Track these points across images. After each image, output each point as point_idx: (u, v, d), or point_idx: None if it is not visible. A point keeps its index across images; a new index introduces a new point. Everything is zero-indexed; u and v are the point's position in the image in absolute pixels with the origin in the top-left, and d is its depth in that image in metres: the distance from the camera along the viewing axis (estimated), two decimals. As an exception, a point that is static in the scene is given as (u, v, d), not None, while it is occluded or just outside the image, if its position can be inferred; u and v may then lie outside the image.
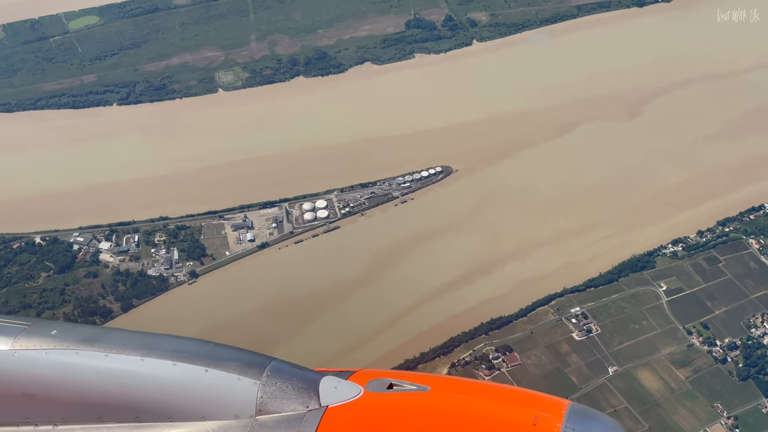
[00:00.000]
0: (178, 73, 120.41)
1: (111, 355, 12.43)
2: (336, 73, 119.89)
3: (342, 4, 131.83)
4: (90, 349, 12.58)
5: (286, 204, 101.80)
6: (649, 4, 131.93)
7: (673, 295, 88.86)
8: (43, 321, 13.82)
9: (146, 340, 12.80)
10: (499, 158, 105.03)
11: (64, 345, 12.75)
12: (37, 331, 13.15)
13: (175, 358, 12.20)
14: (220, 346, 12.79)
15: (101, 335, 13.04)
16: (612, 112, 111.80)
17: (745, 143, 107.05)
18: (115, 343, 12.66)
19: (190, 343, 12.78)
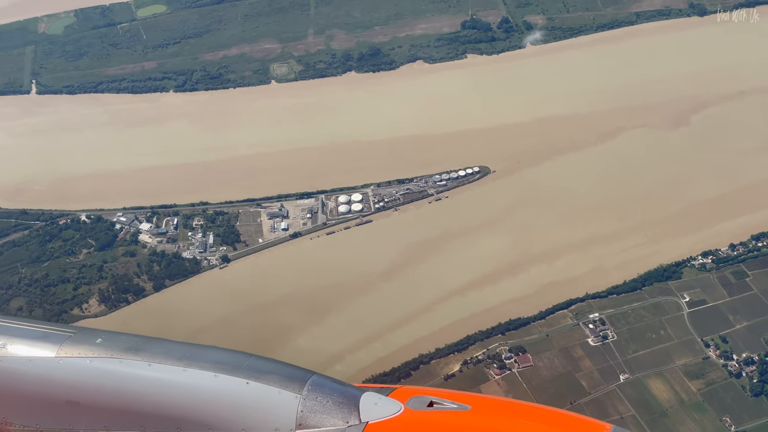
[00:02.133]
0: (235, 64, 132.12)
1: (154, 364, 13.55)
2: (387, 70, 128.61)
3: (402, 2, 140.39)
4: (134, 358, 13.72)
5: (323, 196, 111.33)
6: (710, 13, 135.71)
7: (695, 307, 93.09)
8: (88, 329, 15.22)
9: (189, 351, 13.95)
10: (538, 161, 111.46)
11: (109, 353, 13.89)
12: (82, 339, 14.37)
13: (217, 369, 13.27)
14: (261, 359, 13.85)
15: (145, 345, 14.14)
16: (658, 120, 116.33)
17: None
18: (158, 352, 13.81)
19: (232, 355, 13.87)
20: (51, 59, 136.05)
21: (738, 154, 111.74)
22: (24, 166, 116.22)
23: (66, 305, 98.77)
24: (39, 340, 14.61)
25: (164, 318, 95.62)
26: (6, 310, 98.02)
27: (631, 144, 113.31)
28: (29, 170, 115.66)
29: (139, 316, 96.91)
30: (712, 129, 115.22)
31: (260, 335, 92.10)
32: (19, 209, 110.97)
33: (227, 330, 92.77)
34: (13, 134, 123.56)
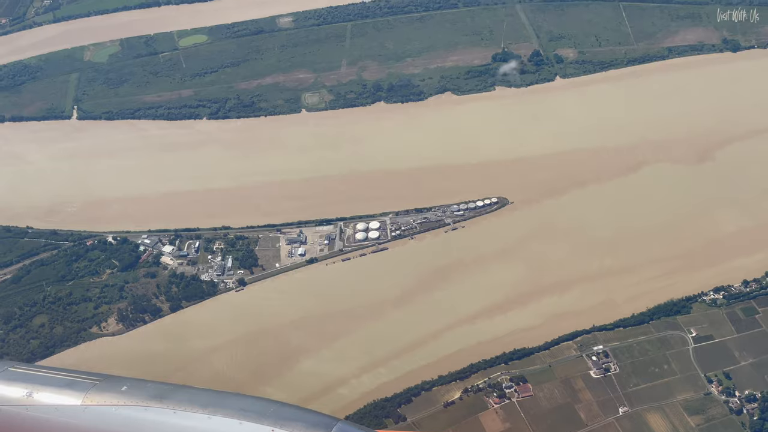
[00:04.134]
0: (268, 92, 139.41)
1: (179, 412, 14.12)
2: (416, 101, 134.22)
3: (436, 35, 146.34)
4: (159, 406, 14.30)
5: (342, 223, 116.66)
6: (743, 49, 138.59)
7: (701, 342, 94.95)
8: (113, 377, 15.77)
9: (213, 399, 14.49)
10: (558, 193, 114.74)
11: (134, 401, 14.47)
12: (107, 387, 14.97)
13: (242, 417, 13.82)
14: (286, 406, 14.35)
15: (170, 392, 14.72)
16: (682, 155, 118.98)
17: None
18: (183, 400, 14.38)
19: (256, 402, 14.39)
20: (93, 86, 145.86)
21: (760, 191, 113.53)
22: (58, 189, 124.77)
23: (85, 323, 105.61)
24: (65, 388, 15.14)
25: (177, 339, 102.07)
26: (28, 327, 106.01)
27: (653, 178, 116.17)
28: (63, 192, 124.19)
29: (154, 336, 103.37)
30: (735, 165, 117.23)
31: (269, 357, 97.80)
32: (50, 230, 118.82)
33: (238, 351, 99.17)
34: (51, 158, 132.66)
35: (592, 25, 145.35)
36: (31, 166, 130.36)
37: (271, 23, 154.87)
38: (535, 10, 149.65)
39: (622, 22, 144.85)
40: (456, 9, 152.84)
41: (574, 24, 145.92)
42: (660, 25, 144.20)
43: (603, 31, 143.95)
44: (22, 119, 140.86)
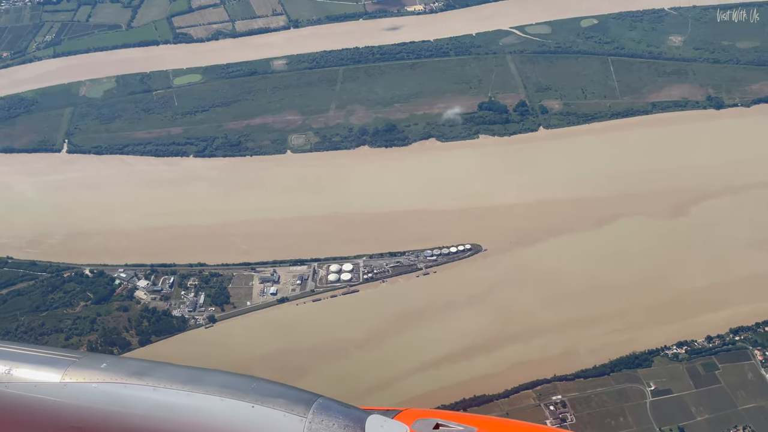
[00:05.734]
0: (256, 132, 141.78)
1: (159, 389, 13.97)
2: (399, 146, 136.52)
3: (425, 82, 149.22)
4: (139, 382, 14.11)
5: (315, 264, 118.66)
6: (727, 107, 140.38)
7: (659, 396, 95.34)
8: (93, 354, 16.79)
9: (194, 375, 14.28)
10: (532, 242, 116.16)
11: (114, 378, 14.24)
12: (87, 364, 14.76)
13: (223, 393, 13.73)
14: (267, 383, 14.29)
15: (150, 369, 14.50)
16: (657, 209, 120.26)
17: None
18: (163, 377, 14.22)
19: (237, 378, 14.32)
20: (86, 121, 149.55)
21: (732, 247, 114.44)
22: (42, 220, 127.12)
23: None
24: (44, 365, 15.06)
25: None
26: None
27: (627, 230, 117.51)
28: (46, 224, 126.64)
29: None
30: (710, 221, 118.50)
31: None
32: (30, 260, 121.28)
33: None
34: (37, 189, 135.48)
35: (580, 78, 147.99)
36: (18, 196, 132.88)
37: (265, 65, 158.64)
38: (524, 61, 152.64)
39: (610, 76, 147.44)
40: (447, 57, 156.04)
41: (561, 76, 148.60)
42: (646, 80, 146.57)
43: (590, 84, 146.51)
44: (13, 151, 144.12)
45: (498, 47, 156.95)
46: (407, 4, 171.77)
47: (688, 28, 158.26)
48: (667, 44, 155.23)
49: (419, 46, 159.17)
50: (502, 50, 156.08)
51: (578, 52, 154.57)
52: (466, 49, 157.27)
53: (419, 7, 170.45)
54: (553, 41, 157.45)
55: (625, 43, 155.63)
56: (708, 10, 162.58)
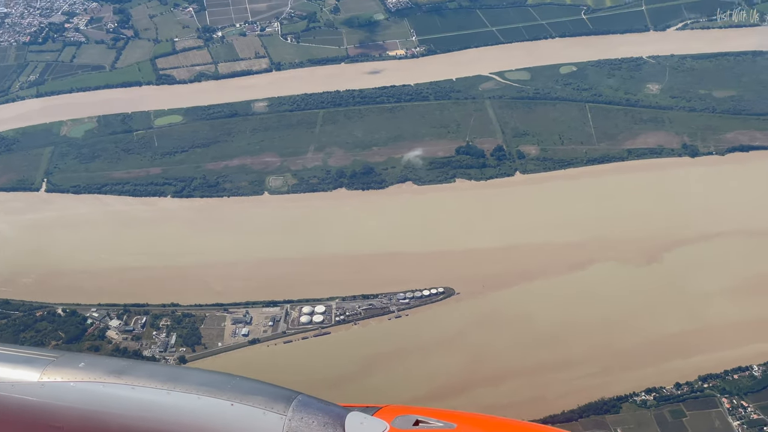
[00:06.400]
0: (234, 174, 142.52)
1: (138, 387, 14.02)
2: (376, 189, 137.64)
3: (404, 125, 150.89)
4: (117, 381, 14.14)
5: (288, 305, 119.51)
6: (702, 155, 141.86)
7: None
8: (71, 353, 15.68)
9: (173, 374, 14.41)
10: (505, 286, 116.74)
11: (92, 377, 14.28)
12: (65, 363, 14.82)
13: (201, 391, 13.76)
14: (246, 380, 14.49)
15: (129, 368, 14.53)
16: (631, 255, 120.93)
17: (755, 303, 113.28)
18: (142, 375, 14.30)
19: (216, 376, 14.38)
20: (65, 160, 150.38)
21: (704, 295, 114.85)
22: (17, 259, 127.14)
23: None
24: (21, 364, 15.00)
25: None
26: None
27: (600, 276, 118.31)
28: (22, 263, 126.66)
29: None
30: (682, 268, 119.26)
31: None
32: (3, 299, 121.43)
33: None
34: (14, 228, 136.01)
35: (557, 124, 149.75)
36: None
37: (246, 107, 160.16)
38: (503, 106, 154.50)
39: (587, 123, 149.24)
40: (427, 102, 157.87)
41: (539, 122, 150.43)
42: (623, 127, 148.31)
43: (567, 130, 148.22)
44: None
45: (477, 92, 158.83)
46: (389, 49, 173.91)
47: (665, 77, 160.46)
48: (644, 92, 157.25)
49: (399, 90, 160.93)
50: (482, 95, 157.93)
51: (556, 99, 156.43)
52: (445, 94, 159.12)
53: (401, 52, 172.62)
54: (532, 87, 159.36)
55: (603, 91, 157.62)
56: (686, 59, 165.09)
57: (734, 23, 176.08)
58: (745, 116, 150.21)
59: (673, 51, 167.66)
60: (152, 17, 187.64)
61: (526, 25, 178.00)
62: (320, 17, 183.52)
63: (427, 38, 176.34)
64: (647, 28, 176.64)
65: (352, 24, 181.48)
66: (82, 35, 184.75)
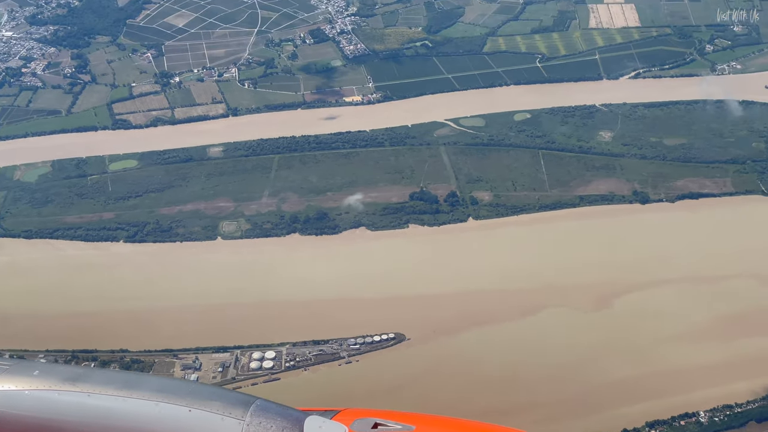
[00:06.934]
0: (188, 219, 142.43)
1: (93, 395, 13.81)
2: (330, 234, 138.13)
3: (359, 171, 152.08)
4: (72, 389, 13.97)
5: (238, 351, 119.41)
6: (652, 202, 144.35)
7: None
8: (24, 361, 15.56)
9: (130, 380, 14.27)
10: (456, 332, 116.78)
11: (47, 385, 14.12)
12: (18, 371, 14.66)
13: (159, 398, 13.66)
14: (204, 386, 14.40)
15: (84, 375, 14.33)
16: (581, 301, 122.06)
17: (703, 349, 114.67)
18: (98, 383, 14.11)
19: (173, 382, 14.65)
20: (18, 205, 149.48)
21: (652, 340, 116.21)
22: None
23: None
24: None
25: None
26: None
27: (550, 322, 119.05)
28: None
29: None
30: (631, 314, 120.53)
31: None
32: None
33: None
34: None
35: (510, 170, 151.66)
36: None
37: (202, 152, 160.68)
38: (458, 152, 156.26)
39: (540, 169, 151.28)
40: (382, 147, 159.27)
41: (493, 168, 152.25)
42: (575, 174, 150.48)
43: (520, 176, 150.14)
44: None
45: (432, 138, 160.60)
46: (345, 95, 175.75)
47: (617, 125, 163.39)
48: (596, 139, 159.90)
49: (355, 136, 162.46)
50: (436, 142, 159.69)
51: (510, 145, 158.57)
52: (401, 140, 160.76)
53: (357, 98, 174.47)
54: (486, 134, 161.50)
55: (557, 138, 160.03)
56: (638, 108, 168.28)
57: (685, 73, 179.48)
58: (695, 164, 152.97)
59: (626, 99, 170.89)
60: (110, 62, 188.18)
61: (481, 73, 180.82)
62: (278, 63, 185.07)
63: (383, 85, 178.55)
64: (600, 77, 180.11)
65: (310, 70, 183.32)
66: (39, 80, 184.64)
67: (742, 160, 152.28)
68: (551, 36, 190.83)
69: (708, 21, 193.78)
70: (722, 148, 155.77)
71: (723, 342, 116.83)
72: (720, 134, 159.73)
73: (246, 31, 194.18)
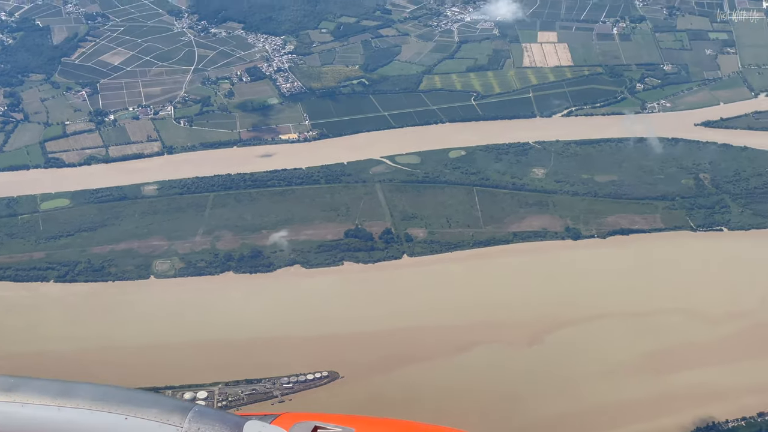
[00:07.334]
0: (120, 258, 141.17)
1: (27, 405, 13.47)
2: (264, 272, 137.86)
3: (294, 209, 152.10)
4: (5, 399, 13.60)
5: (170, 391, 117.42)
6: (584, 238, 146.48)
7: None
8: None
9: (64, 389, 13.76)
10: (389, 369, 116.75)
11: None
12: None
13: (94, 406, 13.29)
14: (140, 392, 14.03)
15: (17, 385, 13.91)
16: (514, 337, 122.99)
17: (631, 384, 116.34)
18: (31, 392, 13.71)
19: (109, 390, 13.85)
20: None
21: (583, 376, 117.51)
22: None
23: None
24: None
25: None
26: None
27: (483, 359, 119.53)
28: None
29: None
30: (563, 350, 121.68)
31: None
32: None
33: None
34: None
35: (445, 207, 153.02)
36: None
37: (136, 190, 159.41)
38: (393, 189, 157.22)
39: (474, 206, 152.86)
40: (318, 185, 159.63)
41: (428, 205, 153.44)
42: (509, 211, 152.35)
43: (454, 213, 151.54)
44: None
45: (368, 176, 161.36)
46: (282, 133, 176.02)
47: (550, 162, 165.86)
48: (530, 176, 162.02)
49: (291, 174, 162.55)
50: (372, 179, 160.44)
51: (445, 182, 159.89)
52: (336, 178, 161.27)
53: (293, 135, 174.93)
54: (421, 171, 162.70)
55: (491, 175, 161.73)
56: (570, 145, 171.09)
57: (617, 111, 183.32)
58: (625, 200, 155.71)
59: (558, 137, 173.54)
60: (44, 101, 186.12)
61: (417, 110, 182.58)
62: (214, 101, 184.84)
63: (320, 122, 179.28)
64: (534, 115, 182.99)
65: (246, 108, 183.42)
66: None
67: (672, 196, 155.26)
68: (486, 74, 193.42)
69: (639, 60, 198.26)
70: (652, 184, 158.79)
71: (651, 377, 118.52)
72: (650, 171, 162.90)
73: (183, 69, 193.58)
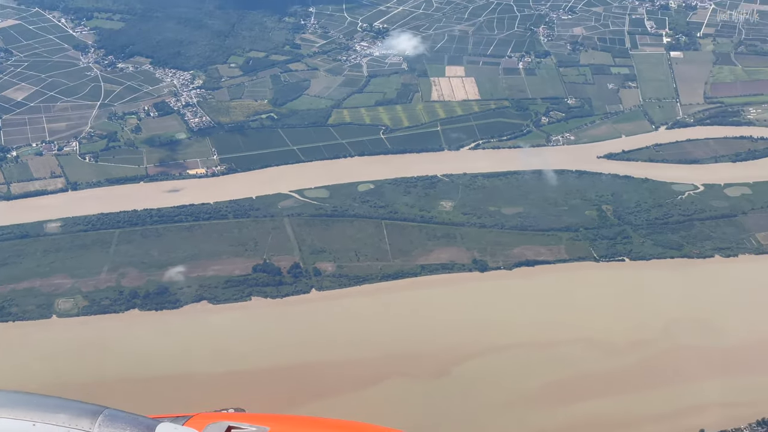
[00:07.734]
0: (21, 297, 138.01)
1: None
2: (171, 309, 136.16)
3: (201, 244, 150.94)
4: None
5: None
6: (491, 269, 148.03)
7: None
8: None
9: None
10: (294, 405, 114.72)
11: None
12: None
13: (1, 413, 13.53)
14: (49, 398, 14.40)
15: None
16: (421, 370, 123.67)
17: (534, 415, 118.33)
18: None
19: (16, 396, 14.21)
20: None
21: (490, 406, 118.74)
22: None
23: None
24: None
25: None
26: None
27: (389, 392, 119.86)
28: None
29: None
30: (469, 381, 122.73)
31: None
32: None
33: None
34: None
35: (354, 241, 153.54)
36: None
37: (38, 228, 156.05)
38: (301, 224, 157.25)
39: (383, 239, 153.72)
40: (226, 220, 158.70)
41: (336, 239, 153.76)
42: (417, 243, 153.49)
43: (363, 246, 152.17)
44: None
45: (276, 210, 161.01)
46: (189, 168, 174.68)
47: (458, 194, 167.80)
48: (438, 209, 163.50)
49: (198, 209, 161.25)
50: (281, 213, 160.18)
51: (354, 216, 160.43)
52: (244, 212, 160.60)
53: (201, 170, 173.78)
54: (330, 205, 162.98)
55: (399, 208, 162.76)
56: (477, 178, 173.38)
57: (523, 144, 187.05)
58: (531, 232, 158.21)
59: (466, 170, 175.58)
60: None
61: (326, 144, 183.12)
62: (121, 136, 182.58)
63: (228, 157, 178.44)
64: (442, 148, 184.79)
65: (153, 143, 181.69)
66: None
67: (575, 227, 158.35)
68: (395, 108, 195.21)
69: (544, 94, 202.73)
70: (557, 216, 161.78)
71: (554, 407, 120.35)
72: (555, 203, 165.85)
73: (88, 104, 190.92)
